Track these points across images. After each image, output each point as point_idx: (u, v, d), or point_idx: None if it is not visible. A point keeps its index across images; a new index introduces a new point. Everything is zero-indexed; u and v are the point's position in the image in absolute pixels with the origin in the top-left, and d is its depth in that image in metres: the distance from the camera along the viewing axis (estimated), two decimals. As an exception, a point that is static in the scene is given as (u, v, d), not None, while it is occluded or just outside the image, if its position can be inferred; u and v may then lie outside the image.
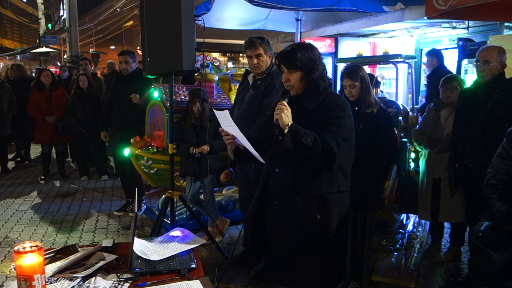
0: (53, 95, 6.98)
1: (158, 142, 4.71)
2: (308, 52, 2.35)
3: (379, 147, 3.25)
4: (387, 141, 3.35)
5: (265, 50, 3.65)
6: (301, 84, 2.36)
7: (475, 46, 5.53)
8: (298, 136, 2.22)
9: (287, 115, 2.26)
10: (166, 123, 4.55)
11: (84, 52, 19.80)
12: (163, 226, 4.12)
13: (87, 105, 6.76)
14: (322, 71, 2.39)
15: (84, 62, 8.11)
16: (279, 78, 3.49)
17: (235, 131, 2.36)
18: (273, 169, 2.38)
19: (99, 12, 27.52)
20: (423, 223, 4.95)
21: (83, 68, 7.94)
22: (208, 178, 4.40)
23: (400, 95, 6.13)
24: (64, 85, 7.35)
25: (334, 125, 2.26)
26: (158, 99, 4.75)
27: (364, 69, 3.45)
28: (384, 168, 3.55)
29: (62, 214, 5.55)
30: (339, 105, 2.33)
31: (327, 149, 2.21)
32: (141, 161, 4.61)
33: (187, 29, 3.38)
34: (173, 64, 3.40)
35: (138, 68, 5.37)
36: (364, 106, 3.31)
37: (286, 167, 2.35)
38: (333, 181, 2.35)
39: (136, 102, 5.11)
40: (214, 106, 4.70)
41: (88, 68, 8.04)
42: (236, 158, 2.68)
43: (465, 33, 6.81)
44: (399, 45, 8.83)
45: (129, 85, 5.19)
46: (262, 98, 3.63)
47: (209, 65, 5.08)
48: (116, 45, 29.68)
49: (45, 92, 6.96)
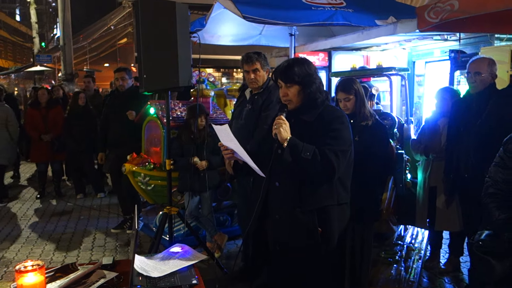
0: (49, 113, 6.99)
1: (155, 158, 4.71)
2: (305, 66, 2.38)
3: (376, 159, 3.27)
4: (383, 153, 3.38)
5: (262, 65, 3.68)
6: (299, 98, 2.39)
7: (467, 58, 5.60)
8: (297, 149, 2.23)
9: (285, 129, 2.28)
10: (163, 139, 4.56)
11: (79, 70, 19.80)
12: (161, 243, 4.10)
13: (83, 122, 6.75)
14: (319, 84, 2.42)
15: (87, 80, 8.09)
16: (276, 92, 3.50)
17: (235, 145, 2.37)
18: (273, 183, 2.39)
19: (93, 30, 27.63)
20: (422, 234, 4.95)
21: (86, 86, 7.93)
22: (206, 193, 4.40)
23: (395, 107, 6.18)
24: (61, 104, 7.35)
25: (332, 137, 2.29)
26: (154, 115, 4.76)
27: (358, 82, 3.49)
28: (381, 180, 3.57)
29: (59, 232, 5.51)
30: (337, 118, 2.36)
31: (326, 162, 2.22)
32: (138, 177, 4.60)
33: (183, 46, 3.41)
34: (169, 80, 3.43)
35: (134, 85, 5.39)
36: (359, 119, 3.33)
37: (286, 181, 2.36)
38: (333, 194, 2.36)
39: (132, 118, 5.11)
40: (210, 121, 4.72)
41: (91, 86, 8.04)
42: (235, 173, 2.69)
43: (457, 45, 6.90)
44: (391, 57, 8.93)
45: (125, 102, 5.21)
46: (259, 113, 3.65)
47: (205, 81, 5.11)
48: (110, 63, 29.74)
49: (41, 111, 6.96)
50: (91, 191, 7.40)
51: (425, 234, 4.89)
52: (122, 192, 5.36)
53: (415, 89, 8.86)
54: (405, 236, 4.93)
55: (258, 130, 3.58)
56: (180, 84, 3.43)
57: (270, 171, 2.37)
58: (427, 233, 4.62)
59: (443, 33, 6.90)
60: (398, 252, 4.45)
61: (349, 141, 2.37)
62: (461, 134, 3.63)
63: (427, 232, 4.61)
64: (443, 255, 4.40)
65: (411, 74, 8.44)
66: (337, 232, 2.37)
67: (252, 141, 3.54)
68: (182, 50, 3.41)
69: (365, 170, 3.21)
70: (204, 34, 6.92)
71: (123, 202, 5.53)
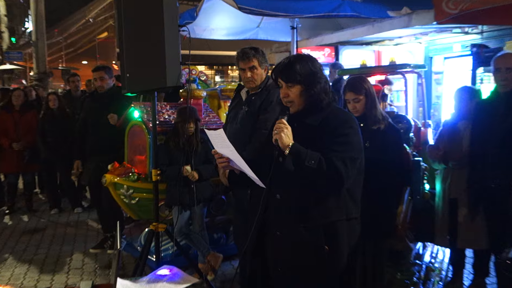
0: (22, 118, 6.95)
1: (139, 168, 4.71)
2: (308, 63, 2.39)
3: (389, 168, 3.28)
4: (397, 161, 3.39)
5: (260, 62, 3.70)
6: (302, 99, 2.40)
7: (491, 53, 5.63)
8: (300, 157, 2.24)
9: (287, 135, 2.29)
10: (149, 146, 4.56)
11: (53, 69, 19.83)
12: (147, 264, 4.08)
13: (58, 128, 6.75)
14: (325, 84, 2.43)
15: (75, 78, 8.01)
16: (275, 92, 3.53)
17: (230, 152, 2.37)
18: (273, 195, 2.40)
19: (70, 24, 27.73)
20: (443, 253, 4.94)
21: (75, 86, 7.91)
22: (198, 208, 4.39)
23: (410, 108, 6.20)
24: (36, 108, 7.32)
25: (340, 144, 2.30)
26: (139, 119, 4.77)
27: (369, 81, 3.50)
28: (395, 191, 3.57)
29: (31, 253, 5.48)
30: (345, 121, 2.37)
31: (333, 172, 2.23)
32: (120, 190, 4.60)
33: (171, 41, 3.41)
34: (155, 80, 3.43)
35: (115, 85, 5.41)
36: (370, 122, 3.35)
37: (288, 193, 2.37)
38: (342, 207, 2.37)
39: (113, 123, 5.11)
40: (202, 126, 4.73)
41: (79, 86, 8.00)
42: (231, 184, 2.69)
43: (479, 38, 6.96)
44: (406, 53, 8.97)
45: (106, 105, 5.20)
46: (257, 115, 3.66)
47: (196, 80, 5.11)
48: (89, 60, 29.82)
49: (14, 115, 6.94)
50: (67, 205, 7.37)
51: (446, 252, 4.88)
52: (102, 207, 5.33)
53: (433, 88, 8.90)
54: (423, 254, 4.92)
55: (255, 136, 3.58)
56: (167, 84, 3.42)
57: (270, 181, 2.38)
58: (448, 252, 4.62)
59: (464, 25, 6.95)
60: (416, 273, 4.43)
61: (359, 148, 2.38)
62: (486, 139, 3.63)
63: (448, 251, 4.60)
64: (467, 276, 4.39)
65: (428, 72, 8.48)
66: (346, 250, 2.37)
67: (249, 147, 3.54)
68: (170, 46, 3.41)
69: (377, 180, 3.19)
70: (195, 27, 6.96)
71: (103, 218, 5.50)
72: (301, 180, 2.29)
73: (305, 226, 2.32)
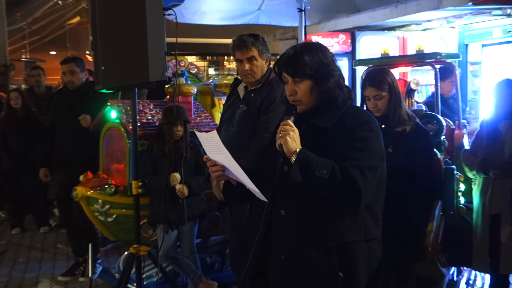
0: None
1: (117, 179, 4.71)
2: (318, 54, 2.39)
3: (416, 178, 3.27)
4: (426, 169, 3.38)
5: (260, 51, 3.69)
6: (312, 97, 2.40)
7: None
8: (310, 166, 2.24)
9: (293, 139, 2.29)
10: (128, 152, 4.56)
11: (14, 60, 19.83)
12: (127, 294, 4.07)
13: (22, 131, 6.74)
14: (339, 78, 2.43)
15: (36, 72, 8.05)
16: (279, 88, 3.54)
17: (226, 159, 2.37)
18: (277, 211, 2.39)
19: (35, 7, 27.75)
20: (482, 280, 4.93)
21: (36, 81, 7.93)
22: (187, 226, 4.38)
23: (442, 106, 6.19)
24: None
25: (358, 149, 2.29)
26: (116, 120, 4.77)
27: (392, 74, 3.50)
28: (424, 205, 3.56)
29: (-13, 281, 5.48)
30: (364, 123, 2.37)
31: (349, 183, 2.22)
32: (94, 205, 4.60)
33: (154, 26, 3.42)
34: (136, 73, 3.43)
35: (88, 80, 5.41)
36: (394, 123, 3.35)
37: (294, 208, 2.36)
38: (359, 226, 2.36)
39: (86, 125, 5.12)
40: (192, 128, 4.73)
41: (42, 81, 8.02)
42: (227, 198, 2.69)
43: (524, 21, 6.95)
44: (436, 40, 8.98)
45: (77, 103, 5.21)
46: (257, 116, 3.66)
47: (185, 74, 5.12)
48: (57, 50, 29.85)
49: None
50: (31, 224, 7.37)
51: (486, 279, 4.86)
52: (73, 226, 5.33)
53: (469, 81, 8.89)
54: (459, 281, 4.91)
55: (255, 140, 3.59)
56: (150, 79, 3.43)
57: (273, 195, 2.37)
58: (489, 278, 4.60)
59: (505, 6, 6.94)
60: (450, 304, 4.42)
61: (381, 154, 2.38)
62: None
63: (489, 277, 4.59)
64: (511, 307, 4.38)
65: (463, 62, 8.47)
66: (365, 278, 2.37)
67: (248, 154, 3.54)
68: (153, 33, 3.43)
69: (402, 193, 3.20)
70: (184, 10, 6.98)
71: (74, 239, 5.50)
72: (310, 193, 2.29)
73: (315, 249, 2.31)
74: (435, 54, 5.43)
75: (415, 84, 4.86)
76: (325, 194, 2.26)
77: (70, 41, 28.99)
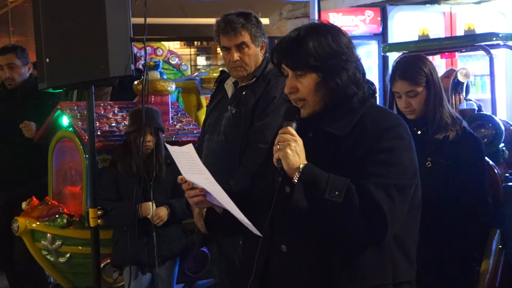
0: None
1: (71, 205, 4.74)
2: (328, 39, 2.37)
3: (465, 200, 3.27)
4: (477, 188, 3.38)
5: (253, 35, 3.70)
6: (318, 96, 2.38)
7: None
8: (318, 186, 2.21)
9: (296, 151, 2.27)
10: (85, 170, 4.57)
11: None
12: None
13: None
14: (356, 70, 2.41)
15: None
16: (279, 83, 3.54)
17: (206, 181, 2.36)
18: (277, 246, 2.38)
19: (-32, -20, 28.00)
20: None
21: None
22: (163, 268, 4.39)
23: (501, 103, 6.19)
24: None
25: (382, 163, 2.27)
26: (69, 129, 4.78)
27: (431, 63, 3.49)
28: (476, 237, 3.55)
29: None
30: (390, 128, 2.35)
31: (371, 208, 2.20)
32: (42, 241, 4.61)
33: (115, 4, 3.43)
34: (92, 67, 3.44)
35: (32, 76, 5.42)
36: (434, 129, 3.35)
37: (299, 242, 2.34)
38: (386, 266, 2.34)
39: (30, 135, 5.14)
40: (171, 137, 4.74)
41: None
42: (210, 230, 2.68)
43: None
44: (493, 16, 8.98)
45: (17, 107, 5.25)
46: (251, 121, 3.66)
47: (159, 66, 5.11)
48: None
49: None
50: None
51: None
52: (15, 268, 5.34)
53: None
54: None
55: (249, 153, 3.59)
56: (111, 74, 3.43)
57: (271, 225, 2.36)
58: None
59: None
60: None
61: (413, 169, 2.35)
62: None
63: None
64: None
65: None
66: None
67: (239, 172, 3.54)
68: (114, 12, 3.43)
69: (446, 221, 3.20)
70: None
71: (16, 285, 5.51)
72: (319, 222, 2.27)
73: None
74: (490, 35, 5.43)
75: (464, 75, 4.86)
76: (338, 223, 2.24)
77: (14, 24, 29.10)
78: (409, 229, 2.42)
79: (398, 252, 2.37)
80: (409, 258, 2.42)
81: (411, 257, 2.44)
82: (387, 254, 2.34)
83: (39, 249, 4.65)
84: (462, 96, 5.01)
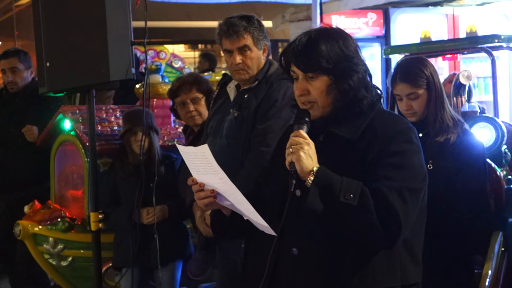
0: None
1: (73, 209, 4.74)
2: (339, 43, 2.39)
3: (466, 203, 3.26)
4: (479, 190, 3.36)
5: (255, 38, 3.70)
6: (329, 99, 2.39)
7: None
8: (332, 189, 2.21)
9: (309, 154, 2.26)
10: (87, 174, 4.56)
11: None
12: None
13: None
14: (365, 73, 2.43)
15: None
16: (281, 87, 3.55)
17: (220, 181, 2.35)
18: (288, 249, 2.38)
19: (-28, -16, 28.08)
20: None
21: None
22: (165, 270, 4.38)
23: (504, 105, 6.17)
24: None
25: (394, 166, 2.29)
26: (71, 133, 4.78)
27: (432, 66, 3.49)
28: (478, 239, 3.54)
29: None
30: (401, 132, 2.37)
31: (385, 211, 2.21)
32: (44, 245, 4.61)
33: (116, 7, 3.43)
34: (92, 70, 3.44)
35: (35, 80, 5.41)
36: (435, 131, 3.35)
37: (310, 246, 2.35)
38: (396, 269, 2.36)
39: (32, 140, 5.14)
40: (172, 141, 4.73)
41: None
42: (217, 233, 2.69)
43: None
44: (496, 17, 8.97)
45: (20, 111, 5.25)
46: (253, 124, 3.66)
47: (161, 69, 5.11)
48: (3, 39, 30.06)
49: None
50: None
51: None
52: (17, 272, 5.34)
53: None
54: None
55: (251, 156, 3.59)
56: (111, 77, 3.44)
57: (282, 228, 2.35)
58: None
59: None
60: None
61: (423, 173, 2.36)
62: None
63: None
64: None
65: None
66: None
67: (241, 176, 3.51)
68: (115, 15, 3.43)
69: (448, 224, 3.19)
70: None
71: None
72: (331, 225, 2.28)
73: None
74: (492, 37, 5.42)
75: (465, 77, 4.85)
76: (351, 226, 2.25)
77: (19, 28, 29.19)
78: (417, 233, 2.43)
79: (406, 254, 2.39)
80: (416, 260, 2.45)
81: (418, 260, 2.46)
82: (396, 257, 2.36)
83: (41, 252, 4.66)
84: (464, 98, 4.99)
